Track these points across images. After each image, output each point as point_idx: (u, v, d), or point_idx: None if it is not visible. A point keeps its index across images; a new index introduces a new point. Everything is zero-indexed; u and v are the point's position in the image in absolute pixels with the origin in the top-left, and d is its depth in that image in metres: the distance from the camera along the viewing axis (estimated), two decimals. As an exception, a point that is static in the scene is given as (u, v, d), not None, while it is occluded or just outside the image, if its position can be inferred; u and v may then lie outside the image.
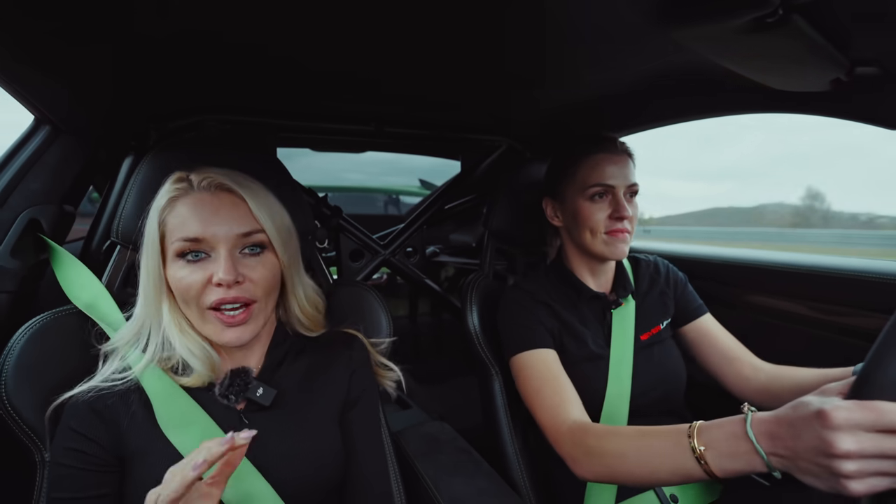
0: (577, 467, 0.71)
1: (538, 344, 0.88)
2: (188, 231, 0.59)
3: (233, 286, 0.59)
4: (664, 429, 0.63)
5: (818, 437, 0.45)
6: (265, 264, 0.63)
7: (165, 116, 1.07)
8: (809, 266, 1.04)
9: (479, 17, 0.67)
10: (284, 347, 0.72)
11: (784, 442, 0.48)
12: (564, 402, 0.80)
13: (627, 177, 0.91)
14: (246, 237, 0.61)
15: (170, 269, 0.61)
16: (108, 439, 0.59)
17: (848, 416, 0.43)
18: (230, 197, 0.62)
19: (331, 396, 0.72)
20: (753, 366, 0.90)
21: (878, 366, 0.45)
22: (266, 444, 0.62)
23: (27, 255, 0.77)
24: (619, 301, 0.96)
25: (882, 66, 0.69)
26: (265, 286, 0.63)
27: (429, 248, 1.98)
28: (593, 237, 0.91)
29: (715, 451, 0.54)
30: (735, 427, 0.53)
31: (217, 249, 0.60)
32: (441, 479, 0.83)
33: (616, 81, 0.95)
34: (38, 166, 0.78)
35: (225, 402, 0.63)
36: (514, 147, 1.49)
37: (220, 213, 0.60)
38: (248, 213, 0.62)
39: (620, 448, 0.66)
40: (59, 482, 0.57)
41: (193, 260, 0.60)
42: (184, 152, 0.77)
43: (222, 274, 0.58)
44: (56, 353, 0.67)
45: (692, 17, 0.59)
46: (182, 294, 0.60)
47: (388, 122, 1.27)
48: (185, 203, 0.61)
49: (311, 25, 0.68)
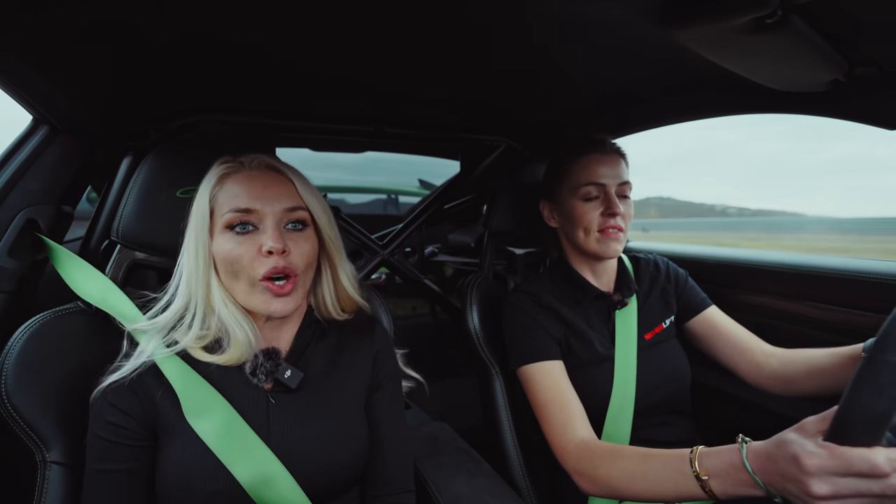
0: (583, 484, 0.74)
1: (544, 356, 0.88)
2: (240, 202, 0.63)
3: (280, 256, 0.62)
4: (666, 454, 0.66)
5: (797, 479, 0.48)
6: (307, 239, 0.67)
7: (165, 116, 1.07)
8: (809, 266, 1.04)
9: (478, 17, 0.67)
10: (311, 330, 0.74)
11: (773, 476, 0.52)
12: (570, 419, 0.81)
13: (619, 175, 0.92)
14: (291, 212, 0.66)
15: (216, 242, 0.64)
16: (142, 415, 0.62)
17: (820, 463, 0.47)
18: (278, 176, 0.68)
19: (356, 379, 0.74)
20: (765, 352, 0.91)
21: (852, 404, 0.46)
22: (291, 427, 0.65)
23: (25, 254, 0.76)
24: (625, 301, 0.96)
25: (881, 67, 0.69)
26: (306, 260, 0.66)
27: (427, 248, 1.98)
28: (587, 236, 0.92)
29: (718, 479, 0.58)
30: (733, 457, 0.57)
31: (265, 222, 0.64)
32: (442, 480, 0.83)
33: (614, 81, 0.95)
34: (36, 166, 0.78)
35: (255, 381, 0.65)
36: (513, 147, 1.49)
37: (270, 188, 0.65)
38: (294, 192, 0.67)
39: (625, 471, 0.69)
40: (99, 454, 0.60)
41: (242, 232, 0.63)
42: (186, 152, 0.77)
43: (272, 242, 0.62)
44: (56, 352, 0.66)
45: (691, 18, 0.59)
46: (231, 265, 0.63)
47: (387, 121, 1.27)
48: (237, 179, 0.65)
49: (309, 26, 0.68)
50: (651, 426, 0.91)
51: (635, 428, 0.88)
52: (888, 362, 0.43)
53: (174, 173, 0.76)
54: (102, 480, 0.60)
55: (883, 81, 0.71)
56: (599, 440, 0.80)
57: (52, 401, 0.64)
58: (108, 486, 0.60)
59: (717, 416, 1.19)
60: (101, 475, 0.60)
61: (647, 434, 0.90)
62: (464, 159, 1.74)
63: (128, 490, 0.60)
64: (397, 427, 0.76)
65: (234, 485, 0.60)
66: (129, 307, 0.70)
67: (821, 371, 0.82)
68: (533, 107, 1.15)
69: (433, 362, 1.09)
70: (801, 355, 0.86)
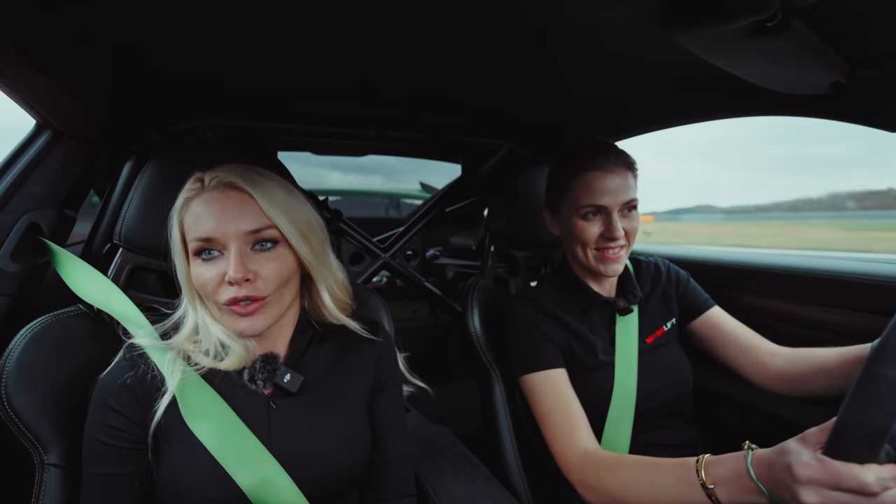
0: (587, 495, 0.74)
1: (547, 364, 0.88)
2: (200, 230, 0.61)
3: (243, 284, 0.60)
4: (671, 462, 0.66)
5: (789, 486, 0.50)
6: (277, 259, 0.63)
7: (167, 120, 1.07)
8: (813, 269, 1.04)
9: (479, 20, 0.67)
10: (308, 335, 0.73)
11: (773, 483, 0.53)
12: (574, 429, 0.81)
13: (623, 195, 0.86)
14: (255, 234, 0.62)
15: (192, 266, 0.63)
16: (142, 418, 0.61)
17: (811, 474, 0.48)
18: (238, 194, 0.62)
19: (357, 383, 0.73)
20: (770, 351, 0.90)
21: (849, 419, 0.46)
22: (293, 431, 0.65)
23: (27, 258, 0.77)
24: (630, 308, 0.95)
25: (882, 69, 0.68)
26: (277, 281, 0.63)
27: (429, 252, 1.98)
28: (585, 253, 0.90)
29: (724, 487, 0.58)
30: (738, 465, 0.57)
31: (228, 247, 0.61)
32: (439, 483, 0.83)
33: (615, 84, 0.95)
34: (39, 170, 0.78)
35: (253, 387, 0.65)
36: (514, 150, 1.49)
37: (229, 210, 0.61)
38: (257, 210, 0.62)
39: (629, 481, 0.69)
40: (97, 458, 0.60)
41: (208, 258, 0.61)
42: (189, 156, 0.77)
43: (232, 272, 0.59)
44: (57, 355, 0.67)
45: (692, 22, 0.59)
46: (201, 290, 0.63)
47: (388, 125, 1.27)
48: (198, 203, 0.62)
49: (311, 30, 0.69)
50: (652, 429, 0.90)
51: (637, 432, 0.88)
52: (886, 377, 0.43)
53: (176, 177, 0.76)
54: (101, 484, 0.59)
55: (884, 84, 0.71)
56: (603, 450, 0.79)
57: (52, 404, 0.64)
58: (106, 489, 0.59)
59: (718, 420, 1.18)
60: (99, 479, 0.59)
61: (648, 438, 0.89)
62: (465, 162, 1.74)
63: (126, 494, 0.60)
64: (399, 431, 0.76)
65: (235, 489, 0.60)
66: (132, 310, 0.70)
67: (827, 370, 0.82)
68: (533, 110, 1.15)
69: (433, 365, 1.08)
70: (806, 354, 0.86)
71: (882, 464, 0.46)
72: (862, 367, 0.45)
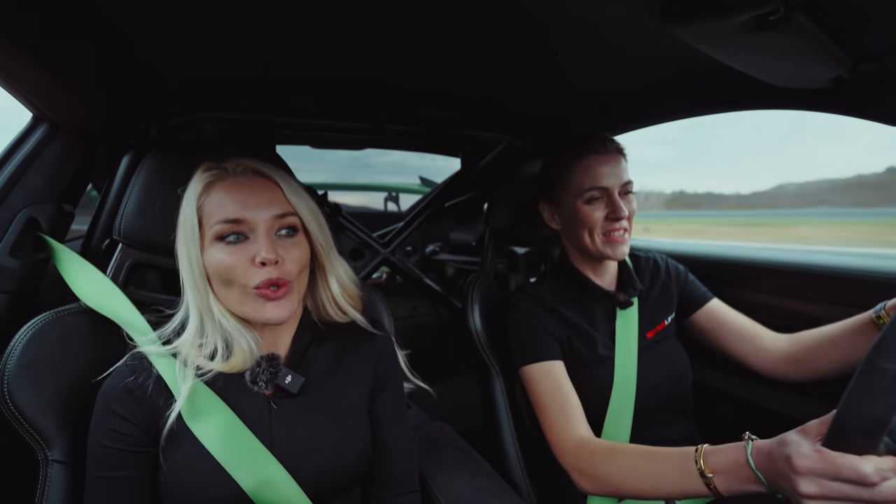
0: (582, 482, 0.74)
1: (546, 356, 0.89)
2: (228, 213, 0.61)
3: (273, 267, 0.61)
4: (670, 451, 0.66)
5: (787, 476, 0.50)
6: (298, 245, 0.65)
7: (165, 114, 1.07)
8: (812, 265, 1.04)
9: (477, 13, 0.66)
10: (310, 334, 0.73)
11: (771, 473, 0.54)
12: (570, 418, 0.81)
13: (621, 176, 0.90)
14: (281, 219, 0.64)
15: (207, 253, 0.62)
16: (145, 421, 0.61)
17: (810, 465, 0.48)
18: (265, 181, 0.65)
19: (358, 382, 0.73)
20: (772, 337, 0.92)
21: (849, 410, 0.46)
22: (294, 432, 0.65)
23: (26, 254, 0.76)
24: (630, 301, 0.96)
25: (884, 63, 0.68)
26: (300, 266, 0.65)
27: (428, 247, 1.98)
28: (592, 238, 0.91)
29: (722, 476, 0.58)
30: (738, 454, 0.57)
31: (256, 231, 0.62)
32: (441, 479, 0.83)
33: (616, 77, 0.94)
34: (36, 164, 0.78)
35: (255, 388, 0.64)
36: (514, 144, 1.49)
37: (258, 195, 0.63)
38: (282, 197, 0.65)
39: (626, 468, 0.69)
40: (100, 461, 0.60)
41: (234, 242, 0.62)
42: (188, 149, 0.77)
43: (265, 253, 0.60)
44: (59, 352, 0.66)
45: (694, 15, 0.58)
46: (223, 275, 0.62)
47: (387, 118, 1.27)
48: (223, 187, 0.63)
49: (309, 23, 0.68)
50: (651, 426, 0.91)
51: (636, 427, 0.88)
52: (886, 370, 0.43)
53: (175, 171, 0.76)
54: (104, 487, 0.59)
55: (886, 78, 0.71)
56: (599, 438, 0.80)
57: (55, 400, 0.64)
58: (110, 493, 0.59)
59: (717, 416, 1.18)
60: (102, 482, 0.59)
61: (647, 433, 0.89)
62: (464, 156, 1.74)
63: (130, 497, 0.60)
64: (401, 428, 0.76)
65: (237, 490, 0.60)
66: (132, 314, 0.69)
67: (832, 341, 0.82)
68: (533, 103, 1.14)
69: (434, 362, 1.09)
70: (809, 333, 0.87)
71: (881, 455, 0.46)
72: (862, 360, 0.45)
